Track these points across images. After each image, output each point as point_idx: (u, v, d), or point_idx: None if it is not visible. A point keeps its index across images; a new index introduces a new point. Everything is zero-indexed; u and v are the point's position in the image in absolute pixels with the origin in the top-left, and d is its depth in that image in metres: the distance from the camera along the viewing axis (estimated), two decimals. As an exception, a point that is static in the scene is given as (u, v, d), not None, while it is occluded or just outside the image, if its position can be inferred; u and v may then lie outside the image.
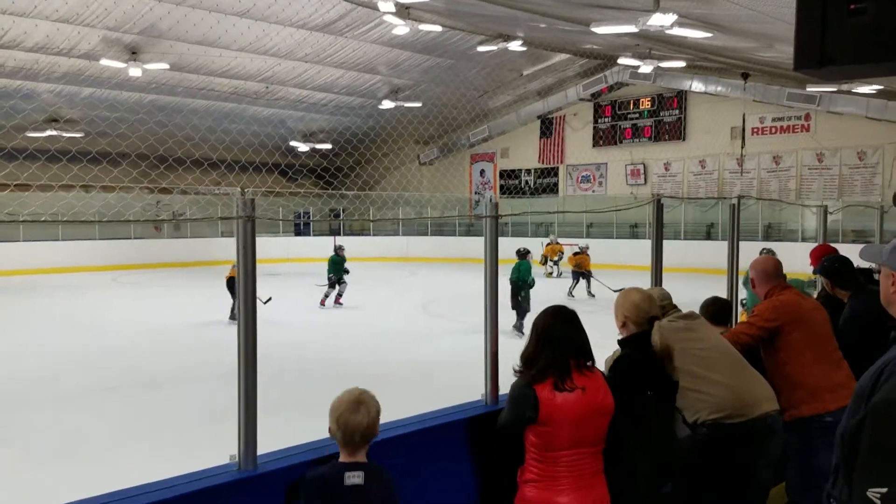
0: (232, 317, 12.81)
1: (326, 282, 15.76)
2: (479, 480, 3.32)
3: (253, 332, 2.68)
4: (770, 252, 12.79)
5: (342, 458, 2.51)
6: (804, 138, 23.49)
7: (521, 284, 11.97)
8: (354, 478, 2.46)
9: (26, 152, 17.63)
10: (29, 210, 16.51)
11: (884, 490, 1.01)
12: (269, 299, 11.25)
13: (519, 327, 11.37)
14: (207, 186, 25.39)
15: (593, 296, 16.91)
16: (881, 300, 2.11)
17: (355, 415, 2.47)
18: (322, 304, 15.52)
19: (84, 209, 17.98)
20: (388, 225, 31.80)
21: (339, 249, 15.89)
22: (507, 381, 3.18)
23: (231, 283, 13.16)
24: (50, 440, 6.59)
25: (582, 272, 17.60)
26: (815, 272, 5.00)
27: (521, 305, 11.82)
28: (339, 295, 15.64)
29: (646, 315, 3.17)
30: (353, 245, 30.21)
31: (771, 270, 4.09)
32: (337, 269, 15.56)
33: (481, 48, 20.24)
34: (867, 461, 1.05)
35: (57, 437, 6.70)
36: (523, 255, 12.63)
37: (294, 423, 3.37)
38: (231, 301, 12.83)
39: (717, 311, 4.30)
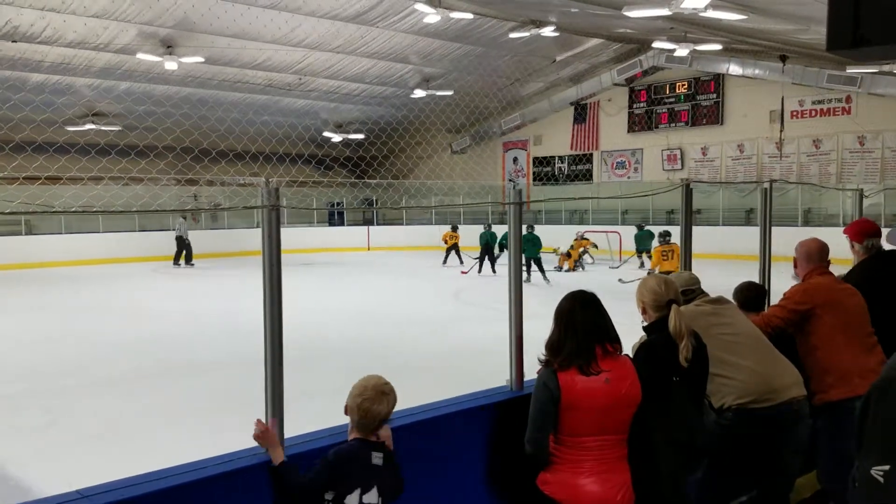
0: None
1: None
2: (502, 466, 3.35)
3: (279, 318, 2.73)
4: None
5: (358, 436, 2.58)
6: (845, 121, 22.92)
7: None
8: (378, 458, 2.54)
9: (77, 146, 18.00)
10: (81, 202, 16.90)
11: (886, 467, 1.01)
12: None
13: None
14: (233, 177, 25.75)
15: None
16: None
17: (378, 405, 2.55)
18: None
19: (130, 201, 18.42)
20: (419, 214, 31.85)
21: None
22: (531, 367, 3.20)
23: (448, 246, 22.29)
24: (92, 423, 6.79)
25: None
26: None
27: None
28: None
29: (664, 299, 3.15)
30: (385, 234, 30.54)
31: (814, 252, 4.00)
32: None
33: (513, 35, 20.13)
34: (870, 439, 1.05)
35: (99, 420, 6.89)
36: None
37: (322, 409, 3.43)
38: (454, 256, 21.80)
39: (750, 297, 4.23)
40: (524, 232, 17.80)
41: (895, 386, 1.04)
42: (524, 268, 18.17)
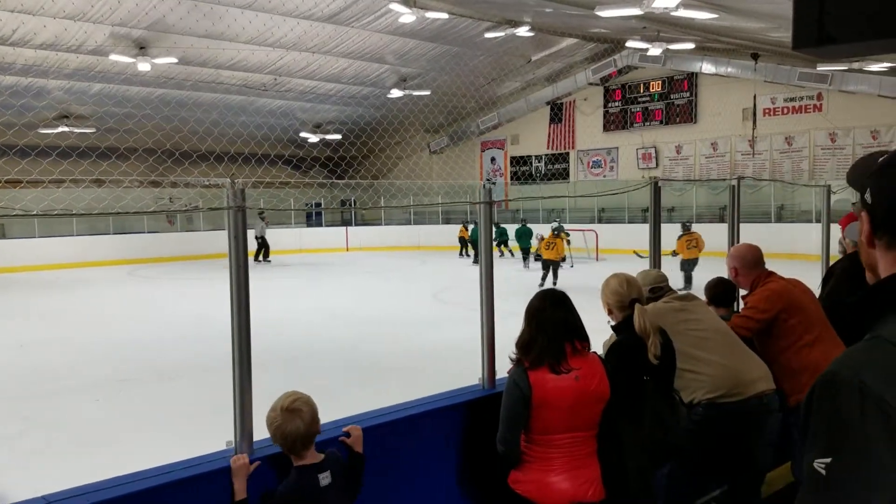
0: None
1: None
2: (474, 465, 3.35)
3: (246, 319, 2.71)
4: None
5: (299, 463, 2.51)
6: (816, 118, 23.23)
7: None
8: (325, 479, 2.48)
9: (38, 149, 17.77)
10: (42, 205, 16.67)
11: (828, 460, 1.03)
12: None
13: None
14: (196, 178, 25.64)
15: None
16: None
17: (292, 424, 2.46)
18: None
19: (95, 203, 18.15)
20: (398, 214, 31.80)
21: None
22: (506, 365, 3.20)
23: (462, 241, 25.07)
24: (69, 429, 6.72)
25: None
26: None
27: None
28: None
29: (627, 299, 3.17)
30: (364, 235, 30.45)
31: (751, 258, 4.02)
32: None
33: (488, 34, 20.18)
34: (814, 433, 1.06)
35: (75, 426, 6.83)
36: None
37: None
38: (463, 248, 24.84)
39: (720, 293, 4.28)
40: (519, 226, 21.29)
41: (838, 379, 1.05)
42: (522, 258, 20.60)
